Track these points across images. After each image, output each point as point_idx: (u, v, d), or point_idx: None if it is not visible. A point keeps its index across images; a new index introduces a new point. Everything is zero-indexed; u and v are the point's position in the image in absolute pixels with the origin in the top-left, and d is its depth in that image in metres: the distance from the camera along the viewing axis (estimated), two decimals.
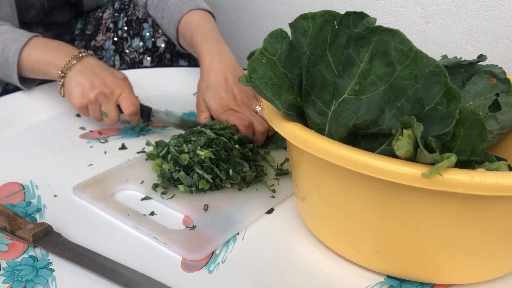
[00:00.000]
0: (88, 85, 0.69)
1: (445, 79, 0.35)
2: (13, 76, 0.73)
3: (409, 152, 0.35)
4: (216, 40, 0.76)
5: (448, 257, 0.41)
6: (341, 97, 0.38)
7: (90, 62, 0.72)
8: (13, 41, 0.72)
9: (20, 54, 0.71)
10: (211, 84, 0.71)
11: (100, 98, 0.70)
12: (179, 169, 0.57)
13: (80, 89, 0.69)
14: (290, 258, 0.49)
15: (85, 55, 0.73)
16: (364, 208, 0.41)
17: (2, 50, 0.72)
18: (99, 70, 0.71)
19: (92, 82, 0.69)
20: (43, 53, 0.72)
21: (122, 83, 0.72)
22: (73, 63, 0.71)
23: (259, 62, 0.41)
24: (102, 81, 0.70)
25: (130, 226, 0.52)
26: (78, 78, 0.70)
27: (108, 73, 0.72)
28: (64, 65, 0.70)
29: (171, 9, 0.84)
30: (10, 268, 0.46)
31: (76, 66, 0.71)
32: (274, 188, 0.60)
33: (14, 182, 0.61)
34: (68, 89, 0.71)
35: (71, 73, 0.70)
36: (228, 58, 0.74)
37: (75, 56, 0.71)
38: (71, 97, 0.70)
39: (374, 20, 0.37)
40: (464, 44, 0.86)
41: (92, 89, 0.69)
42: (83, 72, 0.70)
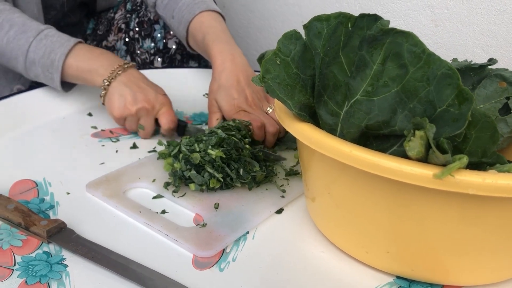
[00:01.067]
0: (131, 98, 0.71)
1: (457, 81, 0.35)
2: (55, 78, 0.74)
3: (421, 153, 0.35)
4: (227, 42, 0.77)
5: (458, 258, 0.41)
6: (354, 98, 0.39)
7: (134, 74, 0.74)
8: (60, 45, 0.73)
9: (66, 58, 0.73)
10: (223, 84, 0.72)
11: (140, 113, 0.71)
12: (191, 168, 0.58)
13: (122, 101, 0.71)
14: (300, 258, 0.49)
15: (130, 66, 0.74)
16: (375, 208, 0.41)
17: (48, 53, 0.73)
18: (143, 84, 0.73)
19: (135, 95, 0.71)
20: (88, 60, 0.73)
21: (163, 99, 0.73)
22: (118, 73, 0.72)
23: (273, 62, 0.42)
24: (145, 96, 0.71)
25: (142, 223, 0.53)
26: (122, 89, 0.71)
27: (151, 88, 0.73)
28: (109, 74, 0.72)
29: (182, 9, 0.85)
30: (25, 263, 0.47)
31: (121, 77, 0.72)
32: (284, 188, 0.60)
33: (28, 179, 0.62)
34: (110, 99, 0.72)
35: (115, 84, 0.72)
36: (240, 59, 0.75)
37: (120, 66, 0.73)
38: (113, 107, 0.72)
39: (387, 23, 0.37)
40: (474, 48, 0.86)
41: (135, 103, 0.71)
42: (127, 84, 0.72)
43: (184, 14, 0.84)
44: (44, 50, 0.73)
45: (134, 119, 0.72)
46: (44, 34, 0.74)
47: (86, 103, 0.85)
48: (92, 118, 0.81)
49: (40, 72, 0.74)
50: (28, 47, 0.73)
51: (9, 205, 0.52)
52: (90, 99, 0.86)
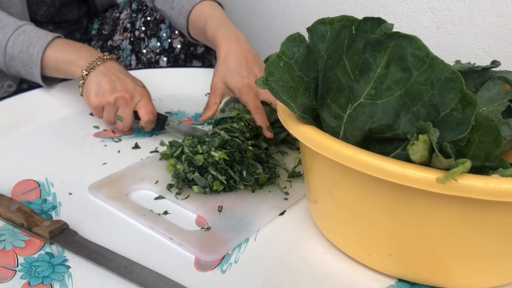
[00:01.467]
0: (109, 87, 0.70)
1: (461, 85, 0.35)
2: (35, 73, 0.74)
3: (424, 157, 0.35)
4: (230, 26, 0.77)
5: (460, 262, 0.41)
6: (357, 101, 0.39)
7: (113, 65, 0.73)
8: (38, 39, 0.73)
9: (44, 52, 0.73)
10: (230, 65, 0.72)
11: (119, 102, 0.71)
12: (194, 170, 0.58)
13: (100, 89, 0.70)
14: (301, 260, 0.49)
15: (109, 58, 0.74)
16: (377, 211, 0.41)
17: (26, 48, 0.73)
18: (121, 75, 0.72)
19: (113, 84, 0.70)
20: (67, 52, 0.73)
21: (142, 90, 0.73)
22: (97, 63, 0.72)
23: (276, 65, 0.42)
24: (123, 85, 0.71)
25: (145, 226, 0.53)
26: (100, 78, 0.71)
27: (130, 79, 0.73)
28: (89, 64, 0.71)
29: (181, 0, 0.85)
30: (27, 264, 0.47)
31: (100, 67, 0.72)
32: (287, 190, 0.60)
33: (30, 179, 0.62)
34: (88, 88, 0.71)
35: (94, 73, 0.71)
36: (244, 41, 0.75)
37: (99, 58, 0.72)
38: (90, 95, 0.71)
39: (391, 26, 0.37)
40: (476, 50, 0.86)
41: (113, 91, 0.70)
42: (106, 73, 0.71)
43: (184, 4, 0.85)
44: (22, 45, 0.73)
45: (113, 109, 0.71)
46: (22, 29, 0.74)
47: None
48: (94, 118, 0.81)
49: (21, 67, 0.74)
50: (6, 42, 0.73)
51: (11, 206, 0.52)
52: None
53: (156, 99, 0.88)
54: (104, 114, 0.73)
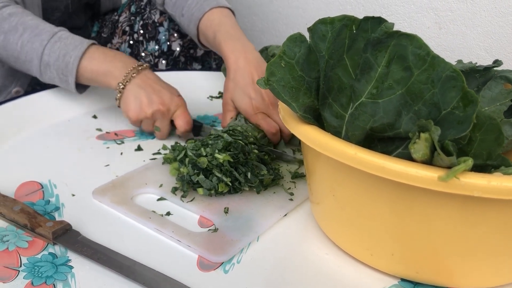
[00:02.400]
0: (146, 101, 0.71)
1: (462, 83, 0.35)
2: (70, 81, 0.74)
3: (426, 155, 0.35)
4: (239, 38, 0.77)
5: (463, 261, 0.41)
6: (359, 100, 0.39)
7: (148, 76, 0.74)
8: (74, 48, 0.73)
9: (80, 61, 0.73)
10: (238, 83, 0.72)
11: (156, 115, 0.72)
12: (198, 173, 0.58)
13: (138, 104, 0.71)
14: (304, 260, 0.49)
15: (144, 68, 0.74)
16: (380, 210, 0.41)
17: (63, 56, 0.73)
18: (157, 86, 0.73)
19: (150, 98, 0.71)
20: (102, 62, 0.73)
21: (178, 100, 0.73)
22: (132, 75, 0.72)
23: (278, 65, 0.42)
24: (160, 98, 0.71)
25: (152, 229, 0.53)
26: (137, 92, 0.71)
27: (166, 90, 0.73)
28: (124, 76, 0.72)
29: (191, 7, 0.85)
30: (31, 264, 0.47)
31: (135, 79, 0.72)
32: (292, 191, 0.60)
33: (33, 181, 0.62)
34: (125, 102, 0.72)
35: (130, 86, 0.72)
36: (252, 55, 0.75)
37: (134, 68, 0.73)
38: (128, 110, 0.72)
39: (392, 25, 0.37)
40: (478, 50, 0.86)
41: (150, 105, 0.71)
42: (142, 86, 0.72)
43: (193, 12, 0.84)
44: (58, 53, 0.73)
45: (150, 121, 0.73)
46: (58, 36, 0.74)
47: (91, 105, 0.86)
48: (97, 121, 0.81)
49: (55, 74, 0.75)
50: (42, 50, 0.73)
51: (15, 207, 0.53)
52: (95, 101, 0.86)
53: None
54: (142, 125, 0.74)
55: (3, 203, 0.53)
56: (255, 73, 0.73)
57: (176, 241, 0.51)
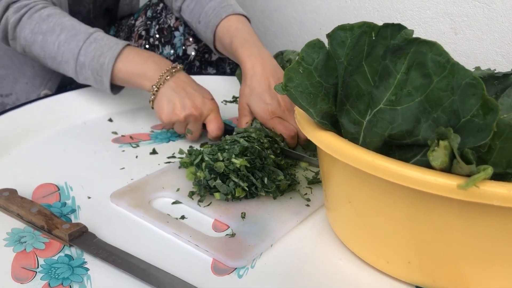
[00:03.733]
0: (179, 105, 0.71)
1: (482, 91, 0.35)
2: (104, 82, 0.75)
3: (445, 163, 0.35)
4: (255, 45, 0.78)
5: (481, 270, 0.41)
6: (377, 107, 0.39)
7: (182, 78, 0.74)
8: (109, 49, 0.74)
9: (115, 62, 0.74)
10: (255, 89, 0.72)
11: (188, 119, 0.72)
12: (215, 177, 0.58)
13: (171, 107, 0.71)
14: (318, 266, 0.49)
15: (177, 70, 0.74)
16: (397, 218, 0.41)
17: (98, 57, 0.74)
18: (190, 89, 0.73)
19: (183, 101, 0.71)
20: (137, 64, 0.74)
21: (210, 104, 0.74)
22: (166, 77, 0.73)
23: (296, 71, 0.42)
24: (192, 102, 0.72)
25: (170, 233, 0.53)
26: (171, 95, 0.72)
27: (199, 93, 0.73)
28: (158, 79, 0.72)
29: (208, 13, 0.85)
30: (47, 265, 0.48)
31: (169, 82, 0.72)
32: (308, 197, 0.60)
33: (50, 183, 0.63)
34: (159, 104, 0.73)
35: (164, 89, 0.72)
36: (269, 61, 0.75)
37: (168, 71, 0.73)
38: (162, 113, 0.72)
39: (411, 32, 0.37)
40: (495, 56, 0.85)
41: (183, 109, 0.71)
42: (175, 89, 0.72)
43: (210, 19, 0.85)
44: (93, 54, 0.74)
45: (183, 125, 0.73)
46: (94, 37, 0.75)
47: (107, 108, 0.86)
48: (112, 124, 0.82)
49: (90, 75, 0.75)
50: (78, 50, 0.74)
51: (32, 209, 0.53)
52: (111, 104, 0.87)
53: None
54: (174, 127, 0.74)
55: (21, 205, 0.54)
56: (271, 79, 0.73)
57: (194, 246, 0.51)
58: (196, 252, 0.50)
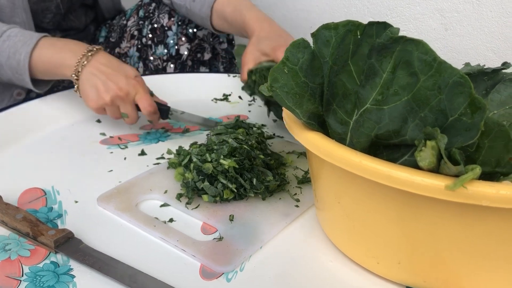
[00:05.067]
0: (102, 87, 0.69)
1: (469, 89, 0.34)
2: (25, 79, 0.73)
3: (433, 163, 0.34)
4: (261, 12, 0.79)
5: (471, 270, 0.40)
6: (363, 107, 0.38)
7: (100, 60, 0.72)
8: (23, 44, 0.72)
9: (31, 56, 0.71)
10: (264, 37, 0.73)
11: (116, 101, 0.70)
12: (203, 179, 0.57)
13: (95, 92, 0.70)
14: (308, 267, 0.48)
15: (94, 52, 0.72)
16: (386, 218, 0.40)
17: (13, 54, 0.71)
18: (111, 70, 0.71)
19: (106, 84, 0.70)
20: (52, 54, 0.71)
21: (135, 83, 0.72)
22: (83, 63, 0.70)
23: (281, 71, 0.41)
24: (116, 83, 0.70)
25: (157, 237, 0.52)
26: (92, 80, 0.70)
27: (120, 73, 0.71)
28: (76, 66, 0.70)
29: None
30: (32, 273, 0.47)
31: (87, 67, 0.70)
32: (298, 197, 0.60)
33: (36, 188, 0.62)
34: (83, 92, 0.71)
35: (84, 75, 0.70)
36: (276, 24, 0.76)
37: (84, 55, 0.71)
38: (88, 100, 0.71)
39: (397, 30, 0.37)
40: (485, 51, 0.85)
41: (107, 92, 0.69)
42: (95, 73, 0.70)
43: None
44: (8, 52, 0.71)
45: (114, 108, 0.71)
46: (7, 35, 0.72)
47: None
48: (101, 125, 0.81)
49: (11, 74, 0.73)
50: None
51: (17, 215, 0.52)
52: None
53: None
54: (108, 113, 0.73)
55: (6, 211, 0.53)
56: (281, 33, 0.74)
57: (181, 250, 0.50)
58: (184, 256, 0.50)
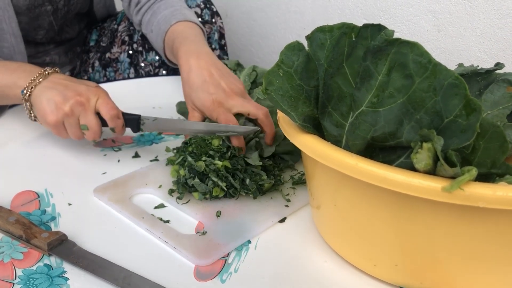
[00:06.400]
0: (60, 98, 0.62)
1: (464, 91, 0.34)
2: None
3: (429, 165, 0.34)
4: (195, 42, 0.73)
5: (467, 271, 0.40)
6: (359, 109, 0.38)
7: (58, 77, 0.66)
8: None
9: None
10: (194, 83, 0.66)
11: (76, 109, 0.62)
12: (194, 176, 0.58)
13: (52, 104, 0.62)
14: (302, 268, 0.48)
15: (51, 72, 0.66)
16: (382, 221, 0.40)
17: None
18: (69, 82, 0.65)
19: (64, 94, 0.62)
20: (3, 75, 0.66)
21: (96, 90, 0.65)
22: (39, 80, 0.64)
23: (276, 74, 0.41)
24: (74, 90, 0.63)
25: (143, 229, 0.53)
26: (48, 93, 0.63)
27: (80, 83, 0.66)
28: (29, 83, 0.64)
29: (160, 22, 0.82)
30: (26, 276, 0.46)
31: (42, 83, 0.64)
32: (289, 198, 0.60)
33: (29, 191, 0.61)
34: (38, 108, 0.63)
35: (38, 90, 0.63)
36: (207, 56, 0.69)
37: (40, 74, 0.65)
38: (44, 114, 0.62)
39: (392, 32, 0.37)
40: (478, 52, 0.85)
41: (66, 100, 0.62)
42: (51, 86, 0.64)
43: (161, 26, 0.81)
44: None
45: (73, 121, 0.63)
46: None
47: None
48: None
49: None
50: None
51: (10, 218, 0.52)
52: None
53: (156, 107, 0.87)
54: (67, 130, 0.64)
55: None
56: (212, 69, 0.67)
57: (164, 242, 0.51)
58: (178, 257, 0.50)
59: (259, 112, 0.63)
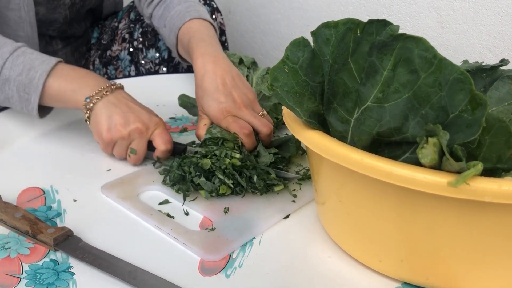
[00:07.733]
0: (122, 120, 0.63)
1: (470, 86, 0.34)
2: (32, 99, 0.66)
3: (434, 160, 0.35)
4: (212, 45, 0.73)
5: (474, 267, 0.40)
6: (364, 105, 0.38)
7: (123, 94, 0.67)
8: (41, 62, 0.66)
9: (47, 76, 0.65)
10: (207, 89, 0.66)
11: (133, 135, 0.64)
12: (199, 174, 0.58)
13: (112, 122, 0.63)
14: (307, 264, 0.49)
15: (118, 87, 0.68)
16: (388, 216, 0.41)
17: (27, 70, 0.65)
18: (133, 104, 0.66)
19: (126, 116, 0.64)
20: (72, 78, 0.66)
21: (156, 119, 0.66)
22: (105, 93, 0.65)
23: (281, 70, 0.41)
24: (137, 116, 0.64)
25: (152, 225, 0.54)
26: (111, 110, 0.64)
27: (142, 108, 0.67)
28: (95, 93, 0.65)
29: (173, 17, 0.82)
30: (32, 271, 0.47)
31: (108, 97, 0.65)
32: (296, 193, 0.60)
33: (35, 187, 0.62)
34: (97, 122, 0.64)
35: (102, 103, 0.64)
36: (223, 61, 0.69)
37: (108, 86, 0.66)
38: (101, 130, 0.64)
39: (397, 28, 0.37)
40: (481, 49, 0.85)
41: (127, 124, 0.63)
42: (116, 104, 0.65)
43: (175, 22, 0.81)
44: (22, 67, 0.65)
45: (125, 143, 0.65)
46: (22, 50, 0.67)
47: None
48: None
49: (15, 92, 0.66)
50: (3, 63, 0.65)
51: (16, 214, 0.52)
52: None
53: (160, 105, 0.88)
54: (115, 149, 0.66)
55: (5, 210, 0.53)
56: (225, 77, 0.67)
57: (173, 239, 0.51)
58: (183, 252, 0.50)
59: (263, 130, 0.64)
